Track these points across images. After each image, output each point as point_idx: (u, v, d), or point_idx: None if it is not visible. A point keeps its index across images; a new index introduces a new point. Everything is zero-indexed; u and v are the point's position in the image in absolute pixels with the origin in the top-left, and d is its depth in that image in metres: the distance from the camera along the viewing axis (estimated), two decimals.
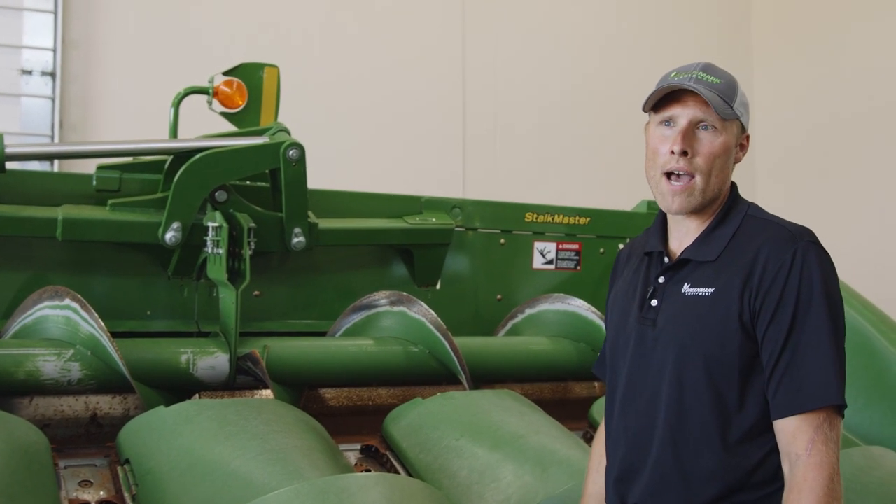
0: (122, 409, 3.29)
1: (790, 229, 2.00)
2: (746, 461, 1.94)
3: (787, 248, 1.94)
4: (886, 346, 3.60)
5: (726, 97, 2.01)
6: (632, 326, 2.10)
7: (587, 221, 4.67)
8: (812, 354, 1.89)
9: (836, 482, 1.85)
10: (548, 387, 4.07)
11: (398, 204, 4.28)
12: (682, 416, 1.98)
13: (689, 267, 2.05)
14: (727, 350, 1.95)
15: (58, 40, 6.52)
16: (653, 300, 2.07)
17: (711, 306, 1.97)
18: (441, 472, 3.06)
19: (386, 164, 7.36)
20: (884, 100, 7.85)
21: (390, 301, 3.88)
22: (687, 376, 1.98)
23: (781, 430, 1.91)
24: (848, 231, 7.61)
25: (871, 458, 2.97)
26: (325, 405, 3.66)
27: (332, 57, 7.39)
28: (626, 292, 2.18)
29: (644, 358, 2.06)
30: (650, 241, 2.17)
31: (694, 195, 2.02)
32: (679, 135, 2.02)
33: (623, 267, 2.28)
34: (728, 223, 2.05)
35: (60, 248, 3.65)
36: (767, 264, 1.94)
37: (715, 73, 2.04)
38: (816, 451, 1.85)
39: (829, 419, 1.88)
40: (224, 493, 2.52)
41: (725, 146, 2.02)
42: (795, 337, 1.90)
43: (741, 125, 2.07)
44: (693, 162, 2.01)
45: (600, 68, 8.46)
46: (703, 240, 2.05)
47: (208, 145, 3.66)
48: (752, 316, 1.93)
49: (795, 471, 1.86)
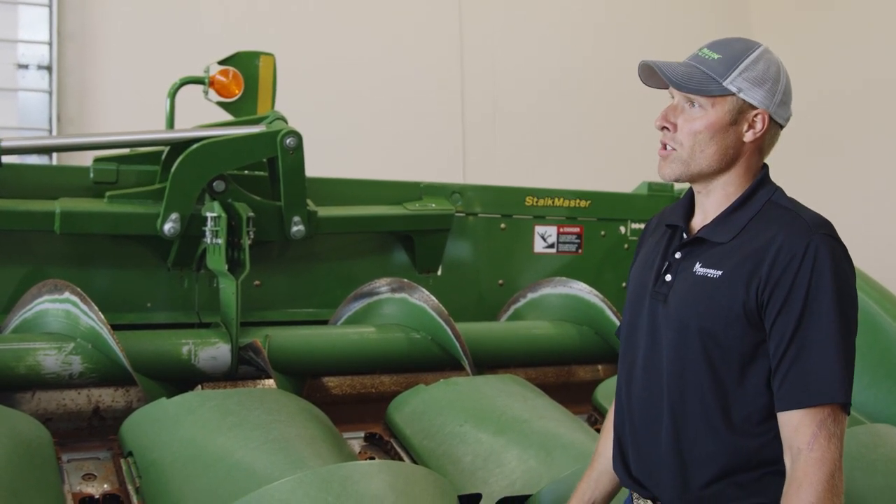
0: (124, 402, 3.29)
1: (807, 220, 1.94)
2: (746, 445, 1.93)
3: (800, 240, 1.89)
4: (891, 324, 3.59)
5: (715, 72, 1.96)
6: (646, 300, 2.08)
7: (588, 204, 4.65)
8: (819, 350, 1.86)
9: (836, 478, 1.82)
10: (551, 371, 4.07)
11: (397, 190, 4.26)
12: (683, 396, 1.97)
13: (703, 246, 2.02)
14: (728, 335, 1.93)
15: (53, 33, 6.50)
16: (667, 275, 2.05)
17: (718, 289, 1.94)
18: (445, 459, 3.06)
19: (385, 151, 7.34)
20: (880, 77, 7.82)
21: (391, 288, 3.87)
22: (688, 356, 1.97)
23: (785, 423, 1.89)
24: (845, 209, 7.59)
25: (877, 435, 2.96)
26: (328, 394, 3.66)
27: (329, 43, 7.36)
28: (646, 262, 2.16)
29: (653, 332, 2.05)
30: (674, 214, 2.14)
31: (675, 164, 2.01)
32: (663, 111, 2.04)
33: (649, 236, 2.25)
34: (748, 207, 2.00)
35: (59, 241, 3.64)
36: (779, 254, 1.89)
37: (717, 48, 2.00)
38: (818, 446, 1.83)
39: (833, 415, 1.85)
40: (227, 484, 2.52)
41: (709, 123, 1.97)
42: (803, 331, 1.87)
43: (745, 102, 1.98)
44: (675, 137, 2.01)
45: (598, 50, 8.43)
46: (721, 220, 2.02)
47: (205, 135, 3.64)
48: (758, 305, 1.90)
49: (796, 465, 1.85)
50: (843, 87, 8.19)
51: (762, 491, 1.92)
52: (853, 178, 7.98)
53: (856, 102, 8.09)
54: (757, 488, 1.93)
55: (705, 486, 1.94)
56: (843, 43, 8.22)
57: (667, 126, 2.01)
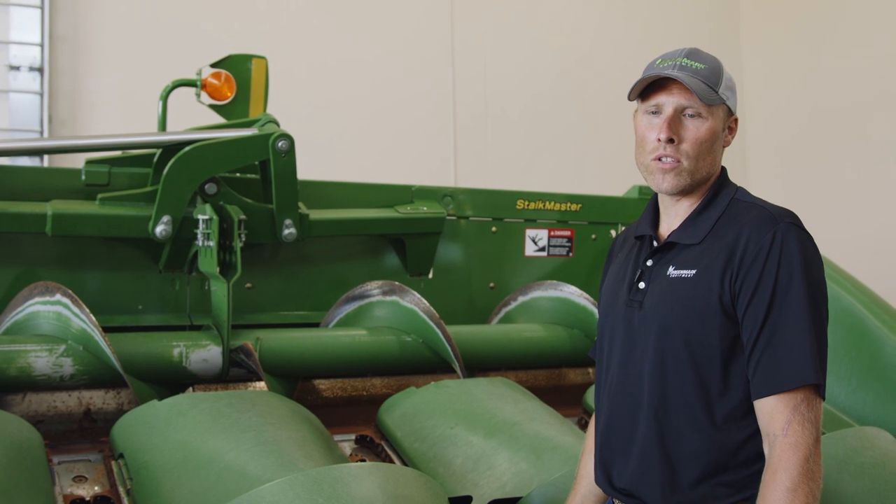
0: (115, 404, 3.29)
1: (772, 211, 2.01)
2: (730, 442, 1.96)
3: (767, 230, 1.96)
4: (879, 328, 3.61)
5: (710, 82, 2.03)
6: (620, 309, 2.12)
7: (579, 208, 4.66)
8: (790, 335, 1.90)
9: (812, 462, 1.85)
10: (542, 374, 4.08)
11: (389, 193, 4.27)
12: (665, 397, 2.00)
13: (675, 250, 2.08)
14: (708, 331, 1.96)
15: (45, 35, 6.49)
16: (640, 282, 2.09)
17: (693, 288, 1.99)
18: (436, 461, 3.06)
19: (377, 154, 7.35)
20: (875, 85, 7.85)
21: (382, 291, 3.88)
22: (669, 357, 2.00)
23: (760, 411, 1.93)
24: (840, 217, 7.62)
25: (866, 438, 2.97)
26: (320, 396, 3.66)
27: (321, 46, 7.37)
28: (616, 276, 2.20)
29: (631, 339, 2.08)
30: (640, 225, 2.20)
31: (682, 175, 2.03)
32: (665, 123, 2.03)
33: (617, 252, 2.30)
34: (714, 207, 2.07)
35: (50, 243, 3.64)
36: (748, 246, 1.95)
37: (699, 59, 2.05)
38: (793, 431, 1.86)
39: (806, 399, 1.89)
40: (218, 486, 2.52)
41: (711, 131, 2.04)
42: (774, 318, 1.91)
43: (728, 109, 2.09)
44: (680, 148, 2.03)
45: (590, 54, 8.45)
46: (689, 223, 2.08)
47: (197, 138, 3.65)
48: (732, 297, 1.95)
49: (773, 451, 1.88)
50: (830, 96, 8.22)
51: (750, 485, 1.95)
52: (842, 186, 8.02)
53: (844, 109, 8.12)
54: (744, 483, 1.95)
55: (694, 486, 1.96)
56: (832, 45, 8.25)
57: (673, 138, 2.02)
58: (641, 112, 2.11)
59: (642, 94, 2.10)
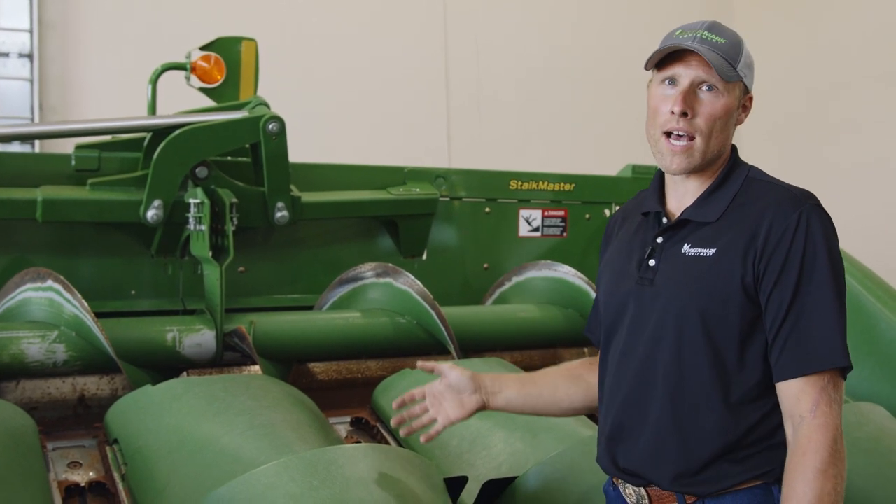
0: (109, 390, 3.28)
1: (794, 192, 1.98)
2: (745, 420, 1.93)
3: (791, 211, 1.92)
4: (874, 303, 3.61)
5: (729, 58, 1.98)
6: (628, 287, 2.08)
7: (572, 187, 4.64)
8: (818, 317, 1.88)
9: (839, 443, 1.84)
10: (537, 354, 4.07)
11: (381, 175, 4.25)
12: (680, 375, 1.97)
13: (688, 227, 2.03)
14: (728, 309, 1.93)
15: (34, 22, 6.46)
16: (650, 260, 2.05)
17: (713, 266, 1.95)
18: (432, 442, 3.04)
19: (370, 134, 7.34)
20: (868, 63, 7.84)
21: (376, 273, 3.87)
22: (686, 335, 1.96)
23: (785, 392, 1.90)
24: (835, 196, 7.60)
25: (861, 414, 2.97)
26: (314, 379, 3.65)
27: (312, 28, 7.34)
28: (620, 253, 2.15)
29: (641, 318, 2.04)
30: (647, 202, 2.14)
31: (694, 156, 1.99)
32: (680, 95, 1.98)
33: (617, 230, 2.25)
34: (729, 185, 2.03)
35: (41, 229, 3.62)
36: (772, 226, 1.91)
37: (720, 33, 2.00)
38: (821, 412, 1.85)
39: (833, 381, 1.87)
40: (213, 470, 2.51)
41: (727, 108, 1.99)
42: (801, 299, 1.89)
43: (744, 86, 2.04)
44: (693, 123, 1.98)
45: (584, 33, 8.42)
46: (703, 201, 2.03)
47: (187, 121, 3.63)
48: (755, 278, 1.92)
49: (799, 432, 1.85)
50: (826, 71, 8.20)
51: (761, 465, 1.93)
52: (836, 166, 8.01)
53: (835, 90, 8.11)
54: (755, 463, 1.94)
55: (706, 465, 1.94)
56: (824, 28, 8.24)
57: (687, 111, 1.98)
58: (656, 82, 2.05)
59: (659, 64, 2.04)
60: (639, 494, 2.04)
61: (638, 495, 2.04)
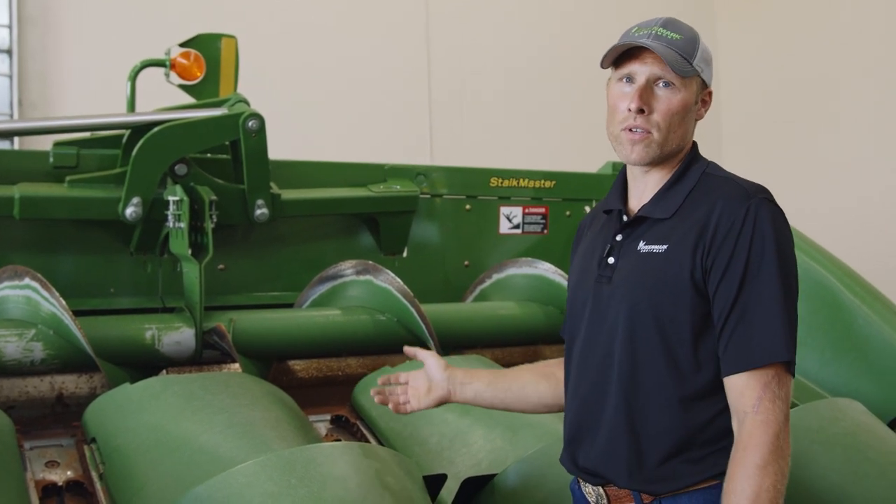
0: (88, 388, 3.26)
1: (745, 186, 1.98)
2: (698, 419, 1.94)
3: (740, 205, 1.93)
4: (851, 300, 3.62)
5: (685, 53, 1.99)
6: (589, 285, 2.09)
7: (552, 185, 4.65)
8: (762, 312, 1.88)
9: (782, 439, 1.84)
10: (517, 351, 4.07)
11: (362, 172, 4.24)
12: (634, 373, 1.98)
13: (645, 224, 2.04)
14: (679, 307, 1.94)
15: (14, 17, 6.41)
16: (609, 258, 2.07)
17: (664, 263, 1.96)
18: (411, 440, 3.06)
19: (352, 132, 7.32)
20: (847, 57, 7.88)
21: (356, 270, 3.87)
22: (639, 333, 1.97)
23: (730, 387, 1.91)
24: (813, 190, 7.65)
25: (838, 409, 2.99)
26: (295, 377, 3.65)
27: (292, 23, 7.31)
28: (585, 252, 2.18)
29: (599, 315, 2.05)
30: (610, 199, 2.16)
31: (651, 147, 2.00)
32: (636, 92, 1.99)
33: (586, 231, 2.27)
34: (685, 181, 2.04)
35: (18, 226, 3.59)
36: (720, 221, 1.92)
37: (675, 29, 2.02)
38: (763, 408, 1.85)
39: (777, 376, 1.87)
40: (192, 468, 2.51)
41: (684, 103, 2.01)
42: (746, 294, 1.89)
43: (702, 81, 2.05)
44: (650, 119, 1.99)
45: (567, 30, 8.43)
46: (659, 197, 2.04)
47: (166, 118, 3.61)
48: (703, 273, 1.93)
49: (742, 428, 1.86)
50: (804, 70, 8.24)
51: (716, 464, 1.93)
52: (815, 159, 8.05)
53: (817, 86, 8.14)
54: (711, 462, 1.94)
55: (661, 463, 1.95)
56: (804, 26, 8.27)
57: (644, 108, 2.00)
58: (614, 80, 2.06)
59: (616, 62, 2.06)
60: (598, 493, 2.05)
61: (597, 494, 2.05)
